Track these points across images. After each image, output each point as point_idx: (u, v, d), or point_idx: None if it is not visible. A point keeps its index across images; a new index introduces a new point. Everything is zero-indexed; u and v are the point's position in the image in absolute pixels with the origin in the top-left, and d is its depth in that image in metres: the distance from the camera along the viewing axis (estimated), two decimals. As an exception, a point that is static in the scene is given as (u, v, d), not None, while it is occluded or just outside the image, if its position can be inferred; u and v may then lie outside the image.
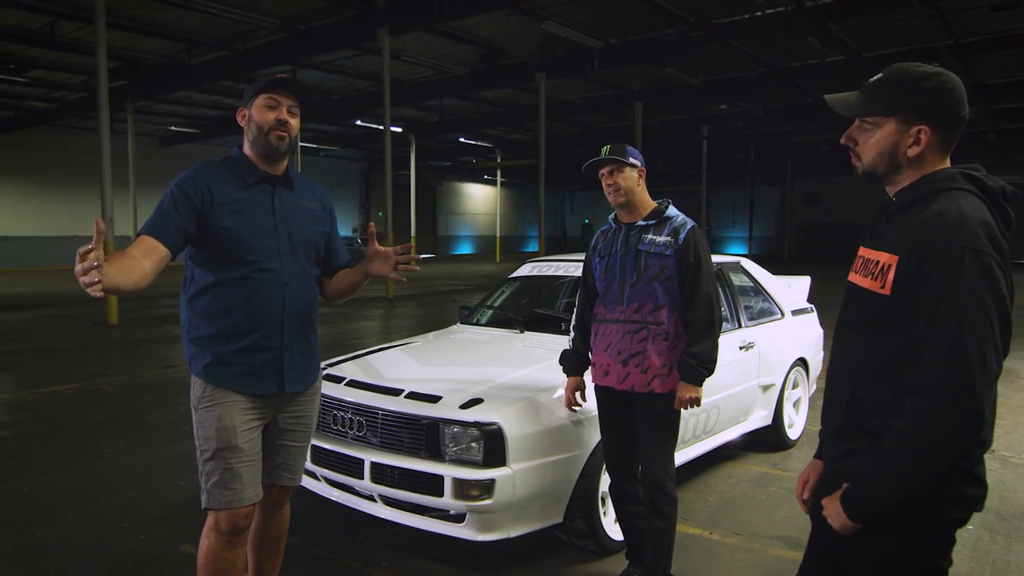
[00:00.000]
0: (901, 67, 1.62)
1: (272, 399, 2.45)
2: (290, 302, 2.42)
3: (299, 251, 2.47)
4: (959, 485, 1.55)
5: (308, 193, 2.59)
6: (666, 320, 2.91)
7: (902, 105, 1.59)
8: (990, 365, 1.47)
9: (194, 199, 2.32)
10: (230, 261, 2.36)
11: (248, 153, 2.47)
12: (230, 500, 2.35)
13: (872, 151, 1.65)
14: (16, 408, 6.34)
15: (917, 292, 1.51)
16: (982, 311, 1.46)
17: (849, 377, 1.67)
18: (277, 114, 2.40)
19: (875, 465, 1.54)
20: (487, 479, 2.97)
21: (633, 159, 3.00)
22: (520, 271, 5.10)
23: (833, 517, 1.62)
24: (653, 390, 2.90)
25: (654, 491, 2.91)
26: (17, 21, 14.48)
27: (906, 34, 15.58)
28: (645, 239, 2.97)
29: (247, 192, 2.41)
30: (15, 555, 3.48)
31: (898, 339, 1.55)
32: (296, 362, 2.46)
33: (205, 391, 2.38)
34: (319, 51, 16.36)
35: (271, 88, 2.42)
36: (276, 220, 2.43)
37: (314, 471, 3.49)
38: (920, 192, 1.60)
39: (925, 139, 1.59)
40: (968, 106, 1.62)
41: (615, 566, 3.31)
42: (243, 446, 2.37)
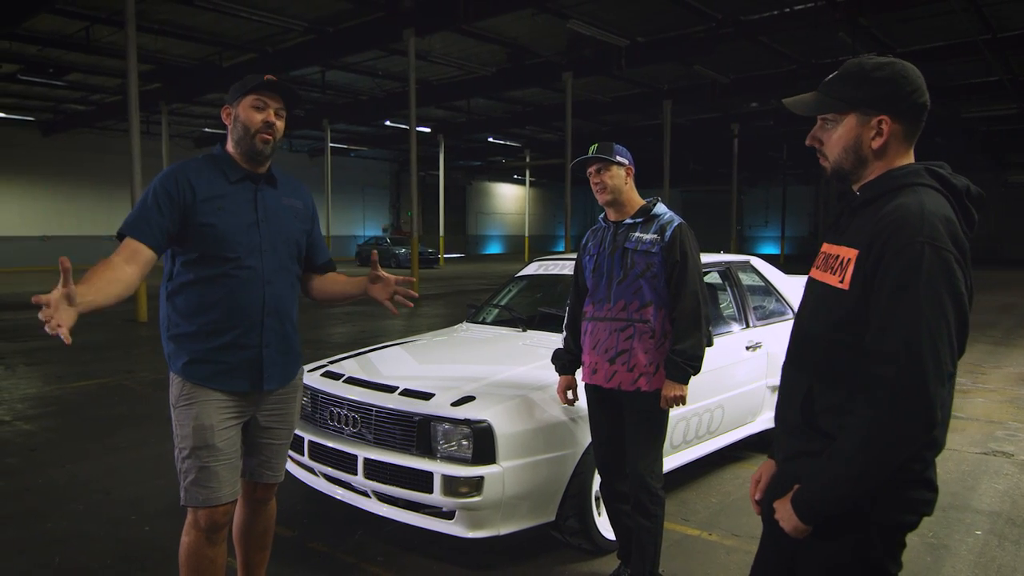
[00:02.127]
0: (854, 61, 1.60)
1: (251, 397, 2.45)
2: (270, 300, 2.42)
3: (280, 249, 2.47)
4: (910, 489, 1.52)
5: (291, 191, 2.59)
6: (652, 318, 2.89)
7: (858, 98, 1.57)
8: (944, 364, 1.43)
9: (176, 197, 2.32)
10: (211, 258, 2.35)
11: (231, 151, 2.47)
12: (207, 498, 2.36)
13: (836, 148, 1.62)
14: (41, 403, 6.52)
15: (874, 287, 1.47)
16: (939, 309, 1.42)
17: (805, 374, 1.64)
18: (265, 116, 2.40)
19: (826, 465, 1.51)
20: (476, 476, 2.98)
21: (620, 157, 2.99)
22: (527, 270, 5.10)
23: (785, 520, 1.59)
24: (640, 388, 2.88)
25: (639, 490, 2.89)
26: (53, 26, 14.89)
27: (941, 28, 15.24)
28: (632, 237, 2.96)
29: (229, 189, 2.41)
30: (24, 544, 3.58)
31: (854, 335, 1.51)
32: (275, 360, 2.45)
33: (183, 389, 2.38)
34: (347, 52, 16.53)
35: (259, 89, 2.41)
36: (258, 217, 2.43)
37: (312, 467, 3.53)
38: (883, 187, 1.57)
39: (887, 129, 1.56)
40: (928, 93, 1.58)
41: (609, 565, 3.29)
42: (220, 445, 2.37)
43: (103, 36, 15.42)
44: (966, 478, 4.54)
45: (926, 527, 3.77)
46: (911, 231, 1.44)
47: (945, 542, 3.61)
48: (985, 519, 3.90)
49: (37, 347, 9.52)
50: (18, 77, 17.99)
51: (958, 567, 3.36)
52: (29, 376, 7.71)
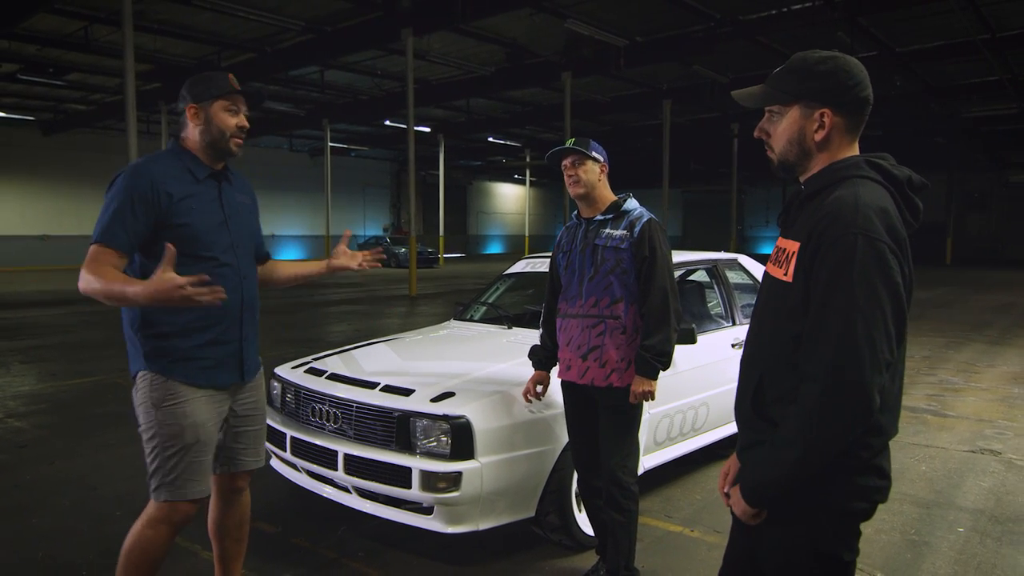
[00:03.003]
0: (800, 55, 1.63)
1: (232, 388, 2.50)
2: (247, 294, 2.50)
3: (246, 244, 2.55)
4: (859, 476, 1.54)
5: (241, 187, 2.62)
6: (623, 314, 2.90)
7: (801, 90, 1.60)
8: (880, 352, 1.45)
9: (153, 203, 2.30)
10: (188, 257, 2.33)
11: (192, 148, 2.46)
12: (196, 491, 2.39)
13: (782, 139, 1.65)
14: (34, 400, 6.54)
15: (812, 278, 1.51)
16: (873, 298, 1.45)
17: (756, 366, 1.67)
18: (238, 120, 2.44)
19: (768, 449, 1.55)
20: (454, 472, 2.99)
21: (596, 153, 3.00)
22: (514, 268, 5.12)
23: (734, 504, 1.64)
24: (612, 384, 2.89)
25: (611, 485, 2.90)
26: (52, 26, 14.93)
27: (940, 28, 15.24)
28: (602, 233, 2.97)
29: (198, 188, 2.42)
30: (9, 540, 3.59)
31: (798, 327, 1.54)
32: (251, 350, 2.54)
33: (168, 388, 2.36)
34: (345, 52, 16.56)
35: (232, 95, 2.43)
36: (226, 215, 2.47)
37: (295, 463, 3.55)
38: (826, 180, 1.60)
39: (828, 122, 1.59)
40: (871, 88, 1.62)
41: (589, 561, 3.30)
42: (209, 441, 2.42)
43: (102, 35, 15.46)
44: (952, 475, 4.55)
45: (908, 523, 3.78)
46: (845, 223, 1.47)
47: (927, 539, 3.62)
48: (968, 516, 3.90)
49: (33, 345, 9.55)
50: (18, 77, 18.05)
51: (938, 563, 3.36)
52: (24, 374, 7.74)
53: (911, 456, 4.91)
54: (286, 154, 33.53)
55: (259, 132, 26.99)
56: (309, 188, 33.74)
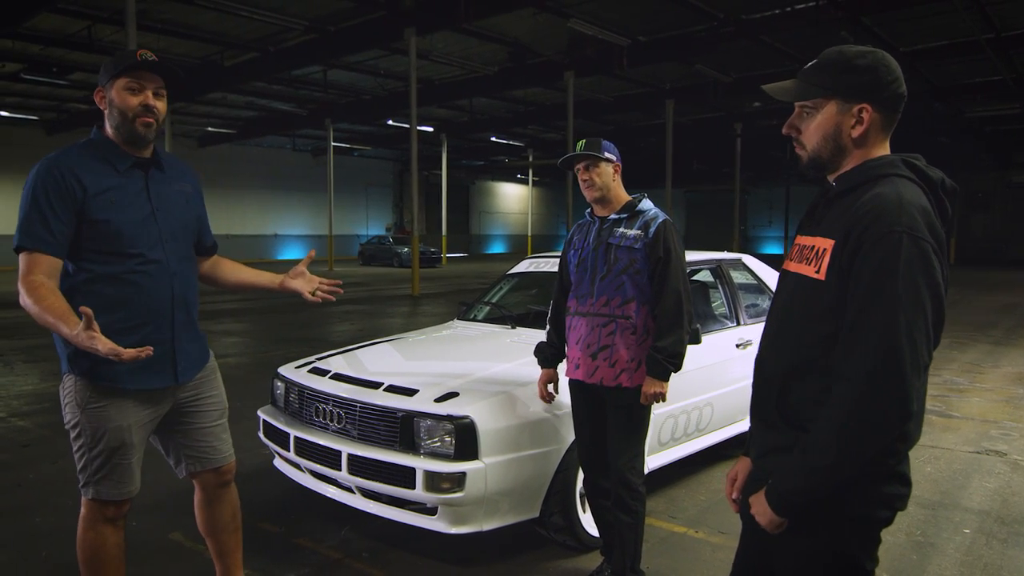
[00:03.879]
0: (835, 49, 1.59)
1: (166, 391, 2.39)
2: (178, 291, 2.35)
3: (180, 237, 2.38)
4: (884, 484, 1.51)
5: (179, 174, 2.46)
6: (634, 314, 2.89)
7: (840, 85, 1.55)
8: (921, 355, 1.41)
9: (68, 197, 2.17)
10: (111, 255, 2.23)
11: (112, 137, 2.30)
12: (120, 492, 2.35)
13: (815, 136, 1.60)
14: (37, 399, 6.54)
15: (851, 276, 1.46)
16: (917, 298, 1.41)
17: (779, 367, 1.62)
18: (142, 99, 2.23)
19: (799, 457, 1.50)
20: (458, 472, 2.98)
21: (608, 154, 2.98)
22: (518, 267, 5.11)
23: (760, 514, 1.58)
24: (621, 384, 2.87)
25: (619, 486, 2.89)
26: (56, 25, 14.94)
27: (943, 27, 15.21)
28: (616, 232, 2.95)
29: (119, 180, 2.26)
30: (11, 539, 3.59)
31: (830, 326, 1.50)
32: (187, 350, 2.40)
33: (93, 391, 2.27)
34: (348, 51, 16.57)
35: (131, 70, 2.21)
36: (153, 207, 2.31)
37: (298, 463, 3.54)
38: (860, 177, 1.55)
39: (867, 117, 1.55)
40: (906, 85, 1.58)
41: (593, 562, 3.29)
42: (135, 443, 2.33)
43: (105, 35, 15.46)
44: (957, 476, 4.53)
45: (913, 525, 3.76)
46: (890, 220, 1.43)
47: (932, 540, 3.60)
48: (974, 517, 3.88)
49: (36, 344, 9.55)
50: (21, 76, 18.05)
51: (944, 565, 3.35)
52: (27, 373, 7.74)
53: (916, 457, 4.89)
54: (289, 154, 33.56)
55: (262, 132, 27.06)
56: (312, 188, 33.76)
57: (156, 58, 2.24)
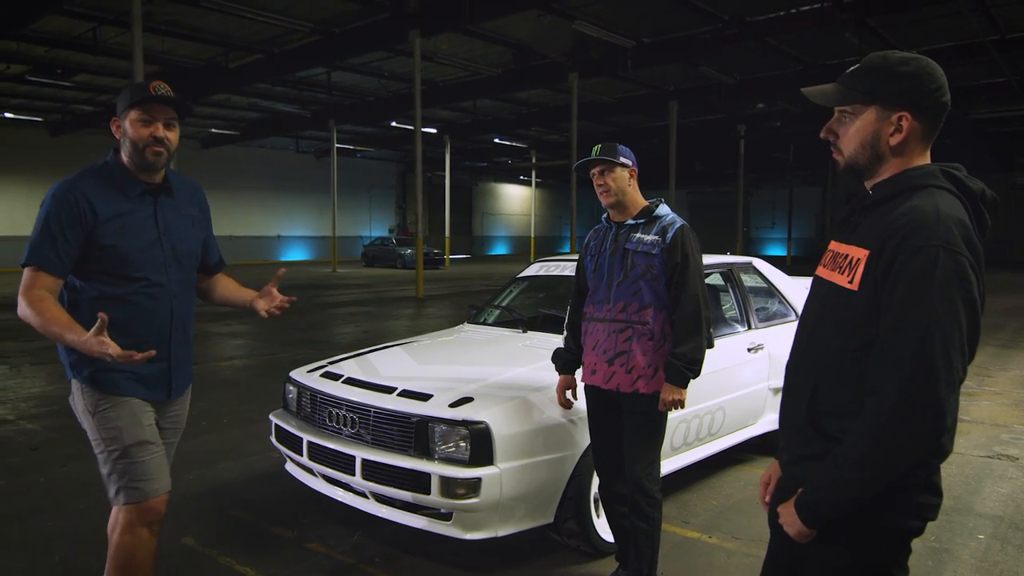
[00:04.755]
0: (878, 55, 1.57)
1: (158, 404, 2.48)
2: (177, 313, 2.44)
3: (183, 261, 2.48)
4: (916, 494, 1.50)
5: (187, 197, 2.55)
6: (651, 320, 2.88)
7: (881, 91, 1.53)
8: (955, 370, 1.41)
9: (78, 222, 2.26)
10: (117, 277, 2.33)
11: (126, 164, 2.40)
12: (149, 491, 2.37)
13: (853, 141, 1.58)
14: (45, 402, 6.53)
15: (886, 289, 1.44)
16: (952, 313, 1.40)
17: (810, 375, 1.61)
18: (152, 130, 2.32)
19: (830, 468, 1.49)
20: (473, 478, 2.97)
21: (624, 159, 2.97)
22: (528, 271, 5.10)
23: (789, 524, 1.57)
24: (638, 390, 2.87)
25: (636, 492, 2.88)
26: (61, 27, 14.96)
27: (948, 29, 15.19)
28: (633, 238, 2.94)
29: (129, 206, 2.36)
30: (23, 544, 3.58)
31: (863, 337, 1.49)
32: (182, 368, 2.50)
33: (99, 396, 2.35)
34: (352, 53, 16.57)
35: (144, 103, 2.31)
36: (160, 233, 2.40)
37: (311, 467, 3.53)
38: (898, 187, 1.54)
39: (907, 126, 1.53)
40: (950, 93, 1.55)
41: (607, 567, 3.27)
42: (151, 439, 2.40)
43: (111, 37, 15.48)
44: (969, 481, 4.51)
45: (928, 531, 3.71)
46: (926, 234, 1.41)
47: (947, 546, 3.58)
48: (988, 523, 3.87)
49: (42, 347, 9.55)
50: (26, 78, 18.07)
51: (960, 571, 3.33)
52: (34, 375, 7.74)
53: (927, 461, 4.87)
54: (292, 155, 33.56)
55: (266, 133, 27.07)
56: (315, 189, 33.75)
57: (169, 90, 2.31)
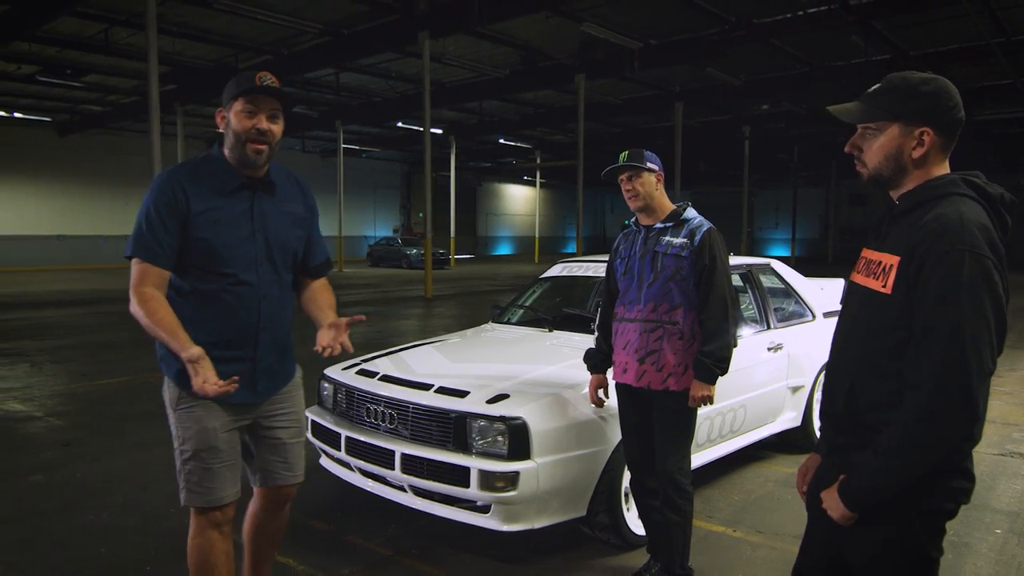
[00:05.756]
0: (898, 75, 1.70)
1: (246, 404, 2.42)
2: (265, 314, 2.37)
3: (276, 259, 2.40)
4: (951, 478, 1.63)
5: (290, 194, 2.47)
6: (681, 320, 2.98)
7: (904, 109, 1.66)
8: (985, 363, 1.53)
9: (175, 211, 2.25)
10: (206, 272, 2.29)
11: (228, 157, 2.35)
12: (210, 499, 2.36)
13: (877, 155, 1.71)
14: (70, 399, 6.65)
15: (918, 292, 1.57)
16: (980, 311, 1.52)
17: (848, 372, 1.74)
18: (255, 122, 2.26)
19: (872, 457, 1.61)
20: (512, 471, 3.08)
21: (651, 164, 3.07)
22: (551, 271, 5.20)
23: (832, 508, 1.69)
24: (668, 388, 2.97)
25: (668, 486, 2.99)
26: (73, 29, 15.08)
27: (954, 31, 15.27)
28: (662, 241, 3.04)
29: (225, 200, 2.31)
30: (66, 537, 3.69)
31: (896, 336, 1.62)
32: (269, 371, 2.43)
33: (182, 394, 2.33)
34: (361, 55, 16.66)
35: (249, 93, 2.25)
36: (254, 228, 2.34)
37: (348, 461, 3.63)
38: (923, 196, 1.67)
39: (928, 140, 1.66)
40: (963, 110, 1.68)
41: (637, 560, 3.38)
42: (222, 447, 2.35)
43: (121, 38, 15.59)
44: (984, 478, 4.61)
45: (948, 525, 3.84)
46: (951, 239, 1.54)
47: (966, 540, 3.69)
48: (1004, 518, 3.97)
49: (60, 345, 9.67)
50: (37, 78, 18.18)
51: (979, 564, 3.44)
52: (56, 373, 7.85)
53: (942, 459, 4.96)
54: (298, 155, 33.64)
55: (272, 133, 27.14)
56: (320, 189, 33.77)
57: (274, 82, 2.27)
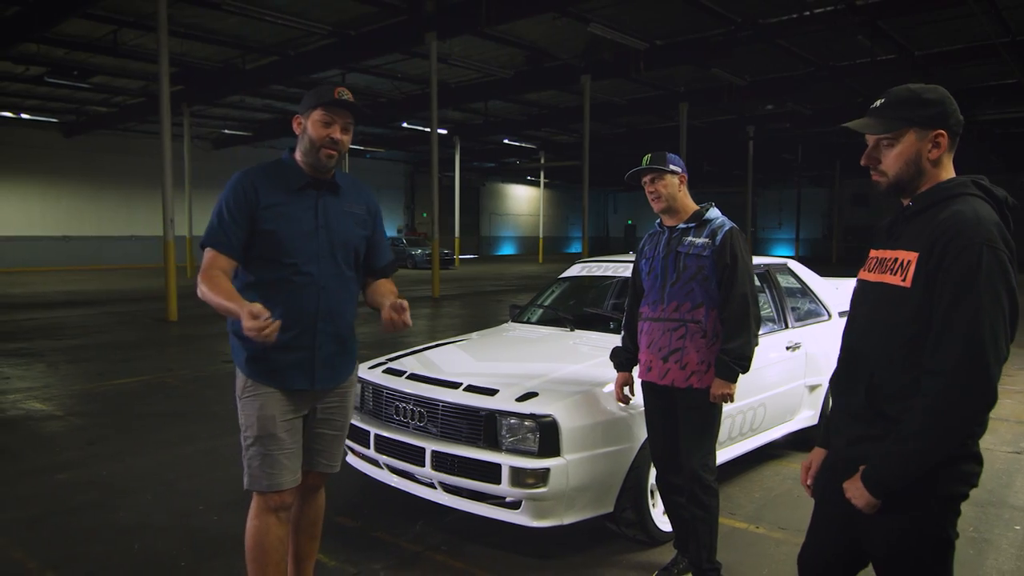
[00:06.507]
0: (904, 88, 1.84)
1: (307, 393, 2.57)
2: (324, 305, 2.53)
3: (338, 255, 2.57)
4: (963, 463, 1.74)
5: (354, 196, 2.67)
6: (704, 319, 3.04)
7: (915, 117, 1.80)
8: (1001, 349, 1.66)
9: (244, 207, 2.46)
10: (271, 262, 2.48)
11: (298, 158, 2.57)
12: (270, 484, 2.50)
13: (897, 162, 1.83)
14: (89, 399, 6.70)
15: (938, 284, 1.68)
16: (997, 301, 1.64)
17: (865, 365, 1.84)
18: (331, 131, 2.49)
19: (895, 443, 1.71)
20: (542, 468, 3.13)
21: (674, 166, 3.12)
22: (570, 271, 5.25)
23: (857, 497, 1.78)
24: (692, 385, 3.02)
25: (693, 483, 3.04)
26: (82, 30, 15.14)
27: (960, 31, 15.31)
28: (685, 241, 3.10)
29: (291, 196, 2.51)
30: (99, 533, 3.74)
31: (914, 329, 1.73)
32: (328, 361, 2.57)
33: (247, 383, 2.52)
34: (368, 56, 16.70)
35: (328, 105, 2.49)
36: (318, 224, 2.52)
37: (376, 459, 3.69)
38: (936, 197, 1.80)
39: (944, 142, 1.80)
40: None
41: (663, 556, 3.43)
42: (282, 435, 2.50)
43: (130, 39, 15.66)
44: (1000, 476, 4.66)
45: (967, 522, 3.89)
46: (970, 234, 1.67)
47: (986, 536, 3.74)
48: (1022, 515, 4.02)
49: (74, 345, 9.73)
50: (44, 79, 18.25)
51: (1001, 559, 3.49)
52: (72, 373, 7.91)
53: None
54: (302, 155, 33.73)
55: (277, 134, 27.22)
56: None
57: (351, 97, 2.50)
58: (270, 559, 2.56)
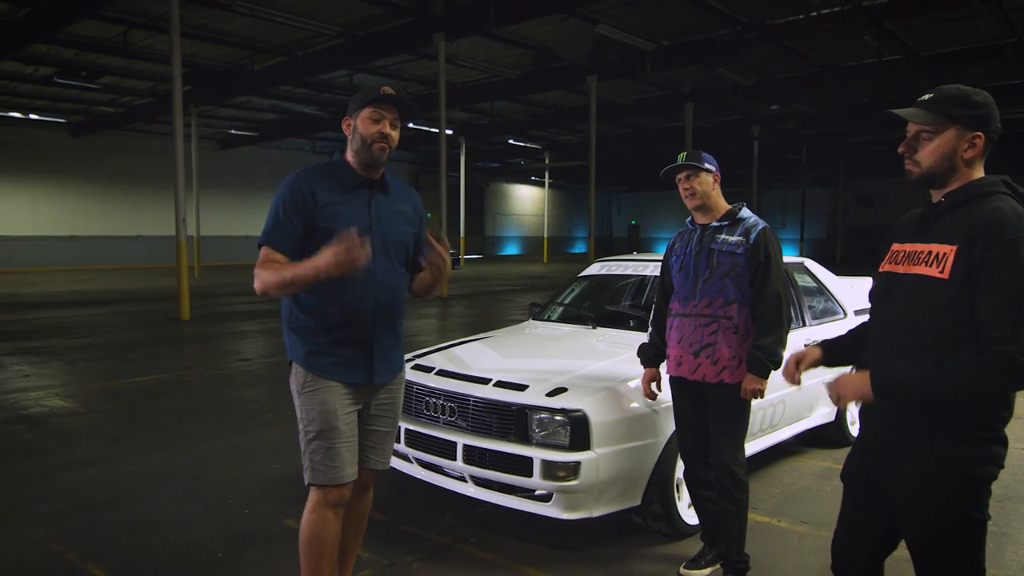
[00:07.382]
0: (954, 86, 1.93)
1: (364, 387, 2.64)
2: (381, 299, 2.62)
3: (391, 251, 2.66)
4: (994, 445, 1.87)
5: (402, 196, 2.78)
6: (736, 315, 3.10)
7: (959, 115, 1.89)
8: None
9: (301, 207, 2.54)
10: None
11: (349, 159, 2.67)
12: (331, 477, 2.55)
13: (933, 156, 1.93)
14: (109, 396, 6.78)
15: (982, 274, 1.78)
16: None
17: (894, 351, 1.93)
18: (380, 127, 2.58)
19: (922, 366, 1.81)
20: (573, 461, 3.20)
21: (708, 164, 3.20)
22: (589, 270, 5.32)
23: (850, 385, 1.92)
24: (723, 380, 3.09)
25: (725, 477, 3.10)
26: (92, 31, 15.22)
27: (967, 32, 15.36)
28: (718, 239, 3.16)
29: (346, 195, 2.60)
30: (135, 526, 3.81)
31: (950, 319, 1.83)
32: (385, 354, 2.66)
33: (307, 378, 2.57)
34: (376, 56, 16.75)
35: (376, 102, 2.59)
36: (372, 222, 2.61)
37: (406, 453, 3.76)
38: (968, 194, 1.90)
39: (980, 144, 1.90)
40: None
41: (689, 549, 3.50)
42: (343, 428, 2.57)
43: (139, 40, 15.73)
44: (1015, 471, 4.72)
45: (986, 516, 3.95)
46: (1015, 228, 1.78)
47: (1005, 530, 3.80)
48: (1044, 511, 4.09)
49: (89, 344, 9.81)
50: (54, 80, 18.33)
51: (1021, 552, 3.55)
52: (90, 371, 7.99)
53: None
54: (307, 156, 33.77)
55: (283, 134, 27.33)
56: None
57: (395, 93, 2.59)
58: (326, 552, 2.62)
